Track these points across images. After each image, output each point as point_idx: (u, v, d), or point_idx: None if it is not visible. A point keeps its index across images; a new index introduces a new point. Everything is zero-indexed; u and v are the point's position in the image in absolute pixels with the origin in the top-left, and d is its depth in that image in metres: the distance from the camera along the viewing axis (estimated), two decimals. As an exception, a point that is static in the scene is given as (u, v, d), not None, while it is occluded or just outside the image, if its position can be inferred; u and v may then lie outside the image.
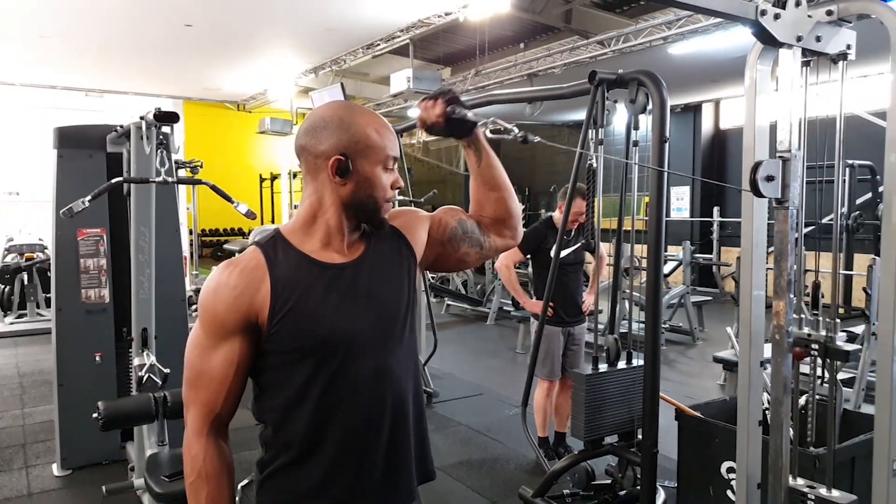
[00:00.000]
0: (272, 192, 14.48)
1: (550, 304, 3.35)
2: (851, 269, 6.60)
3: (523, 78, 8.49)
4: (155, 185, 3.08)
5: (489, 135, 1.41)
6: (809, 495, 2.17)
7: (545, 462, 3.59)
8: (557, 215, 3.53)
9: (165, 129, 2.82)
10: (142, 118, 2.85)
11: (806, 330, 2.15)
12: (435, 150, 16.45)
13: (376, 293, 1.30)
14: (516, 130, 1.35)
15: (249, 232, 14.59)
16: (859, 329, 4.62)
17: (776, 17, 1.96)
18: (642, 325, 2.87)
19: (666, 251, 6.76)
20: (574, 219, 3.41)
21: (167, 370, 3.25)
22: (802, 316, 2.18)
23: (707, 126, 11.75)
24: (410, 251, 1.39)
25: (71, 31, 7.57)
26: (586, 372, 3.03)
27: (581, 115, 10.67)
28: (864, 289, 4.96)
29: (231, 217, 14.26)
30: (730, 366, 4.79)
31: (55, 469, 3.87)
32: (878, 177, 8.44)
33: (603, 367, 3.08)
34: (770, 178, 2.08)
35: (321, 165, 1.26)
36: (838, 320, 2.18)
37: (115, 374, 3.93)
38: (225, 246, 10.08)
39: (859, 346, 2.19)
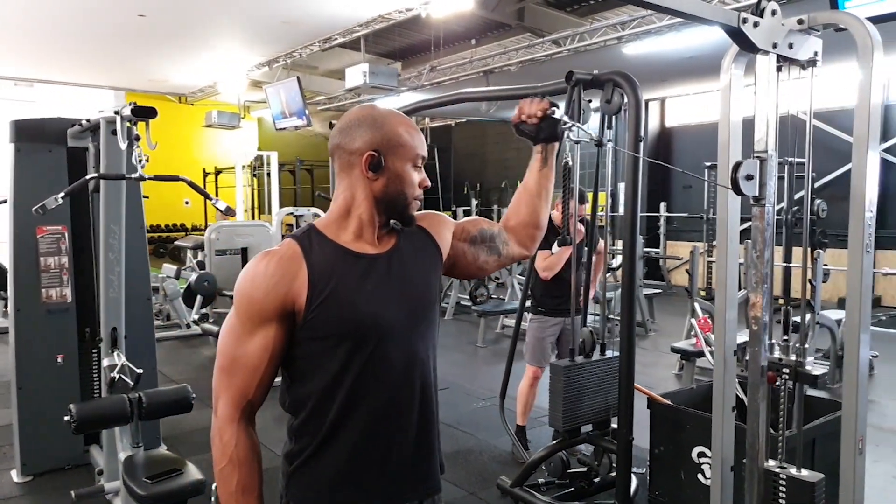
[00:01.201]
0: (216, 187, 14.19)
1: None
2: (790, 262, 6.94)
3: (479, 75, 8.57)
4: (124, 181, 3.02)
5: (570, 139, 1.56)
6: (781, 475, 2.31)
7: (523, 452, 3.67)
8: (556, 214, 3.60)
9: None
10: (116, 112, 2.78)
11: (777, 354, 2.30)
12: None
13: (408, 283, 1.35)
14: (593, 134, 1.60)
15: (193, 228, 14.28)
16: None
17: (755, 24, 2.07)
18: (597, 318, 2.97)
19: (613, 245, 6.96)
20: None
21: (140, 370, 3.19)
22: (773, 341, 2.32)
23: (653, 124, 12.11)
24: (437, 248, 1.44)
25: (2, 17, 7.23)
26: (564, 364, 3.12)
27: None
28: (810, 280, 5.24)
29: (173, 213, 13.92)
30: (687, 356, 4.98)
31: (14, 475, 3.74)
32: (813, 174, 8.90)
33: (579, 358, 3.17)
34: (749, 177, 2.20)
35: (355, 162, 1.31)
36: (807, 345, 2.34)
37: (78, 376, 3.82)
38: (177, 242, 9.83)
39: (826, 370, 2.38)
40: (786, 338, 2.40)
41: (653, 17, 6.37)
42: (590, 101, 3.16)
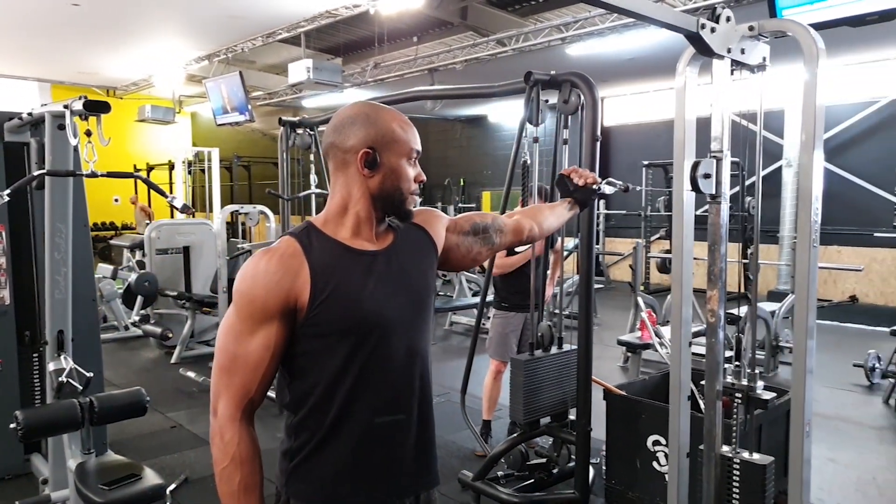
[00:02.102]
0: (148, 184, 13.65)
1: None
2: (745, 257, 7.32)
3: (423, 72, 8.58)
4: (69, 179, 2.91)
5: (606, 190, 1.96)
6: (735, 459, 2.43)
7: (484, 446, 3.72)
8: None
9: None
10: (66, 107, 2.67)
11: (730, 379, 2.42)
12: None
13: (407, 279, 1.37)
14: (610, 189, 2.00)
15: (123, 227, 13.75)
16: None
17: (712, 30, 2.17)
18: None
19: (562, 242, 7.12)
20: None
21: (90, 374, 3.09)
22: (727, 366, 2.44)
23: (592, 123, 12.35)
24: (433, 243, 1.47)
25: None
26: (524, 358, 3.18)
27: (475, 111, 10.94)
28: (747, 274, 5.50)
29: (103, 211, 13.37)
30: (633, 348, 5.15)
31: (-51, 487, 3.55)
32: (744, 172, 9.30)
33: (538, 352, 3.24)
34: (707, 176, 2.30)
35: (350, 159, 1.32)
36: (758, 370, 2.47)
37: (18, 382, 3.65)
38: (113, 241, 9.48)
39: (776, 394, 2.53)
40: (738, 363, 2.51)
41: (596, 20, 6.53)
42: (546, 100, 3.23)
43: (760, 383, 2.44)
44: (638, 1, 1.95)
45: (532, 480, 3.29)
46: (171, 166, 12.68)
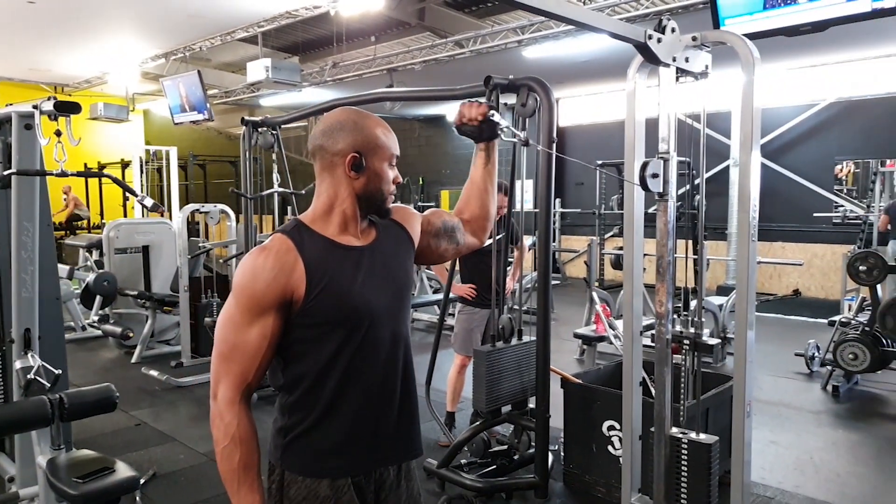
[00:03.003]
0: (100, 182, 13.40)
1: (472, 286, 3.64)
2: (675, 253, 7.61)
3: (382, 72, 8.66)
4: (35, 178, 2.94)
5: (503, 138, 1.67)
6: (683, 440, 2.61)
7: (449, 435, 3.85)
8: None
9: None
10: (35, 107, 2.71)
11: (678, 328, 2.60)
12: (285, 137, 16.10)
13: (390, 272, 1.49)
14: (522, 135, 1.71)
15: (74, 226, 13.44)
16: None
17: (659, 40, 2.33)
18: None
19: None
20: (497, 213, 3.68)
21: (58, 371, 3.11)
22: (675, 316, 2.61)
23: (548, 123, 12.59)
24: (410, 239, 1.59)
25: None
26: (486, 349, 3.32)
27: (433, 110, 11.03)
28: (696, 269, 5.76)
29: (53, 211, 13.07)
30: (589, 341, 5.35)
31: None
32: (693, 171, 9.68)
33: (499, 344, 3.39)
34: (655, 176, 2.47)
35: (338, 162, 1.43)
36: (703, 319, 2.65)
37: (-20, 381, 3.63)
38: (67, 241, 9.31)
39: (719, 340, 2.72)
40: (685, 313, 2.69)
41: (551, 23, 6.72)
42: (506, 103, 3.38)
43: (706, 331, 2.63)
44: (591, 14, 2.11)
45: (494, 467, 3.44)
46: (125, 165, 12.47)
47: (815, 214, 9.02)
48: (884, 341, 4.96)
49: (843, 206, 9.23)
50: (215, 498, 3.45)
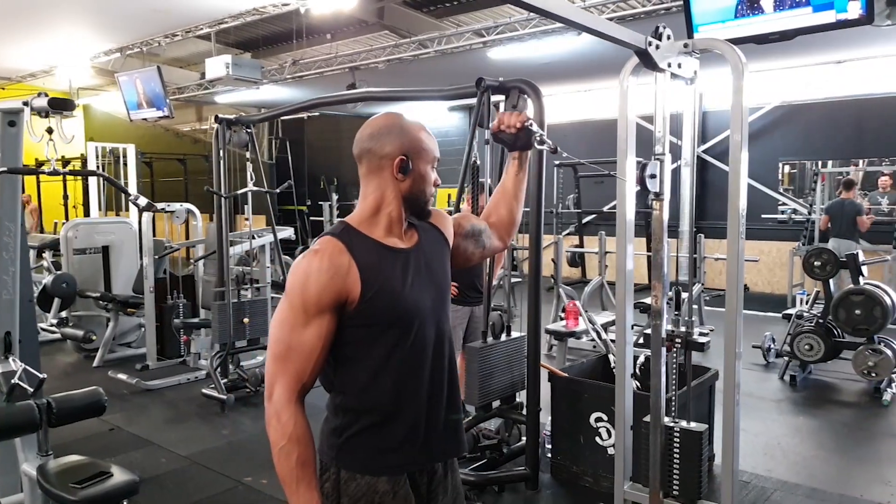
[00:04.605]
0: (38, 181, 12.86)
1: (455, 284, 3.67)
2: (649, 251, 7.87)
3: (345, 70, 8.62)
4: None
5: (536, 146, 1.70)
6: (676, 428, 2.73)
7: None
8: (465, 207, 3.82)
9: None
10: (25, 104, 2.64)
11: (670, 326, 2.72)
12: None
13: (433, 273, 1.54)
14: (550, 143, 1.72)
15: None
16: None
17: (657, 47, 2.44)
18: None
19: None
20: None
21: (43, 375, 3.03)
22: (667, 315, 2.74)
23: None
24: (446, 240, 1.64)
25: None
26: (478, 345, 3.39)
27: (385, 109, 11.05)
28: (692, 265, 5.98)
29: None
30: (560, 336, 5.48)
31: None
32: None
33: (491, 340, 3.46)
34: (653, 176, 2.58)
35: (385, 165, 1.47)
36: (695, 318, 2.78)
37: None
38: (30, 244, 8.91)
39: (709, 339, 2.84)
40: (677, 313, 2.83)
41: (516, 25, 6.83)
42: (496, 105, 3.45)
43: (696, 329, 2.77)
44: (597, 20, 2.20)
45: (485, 460, 3.51)
46: (65, 162, 12.01)
47: (762, 212, 9.41)
48: (836, 332, 5.25)
49: (787, 205, 9.68)
50: (206, 500, 3.42)
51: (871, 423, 4.52)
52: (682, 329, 2.78)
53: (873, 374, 4.92)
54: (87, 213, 12.73)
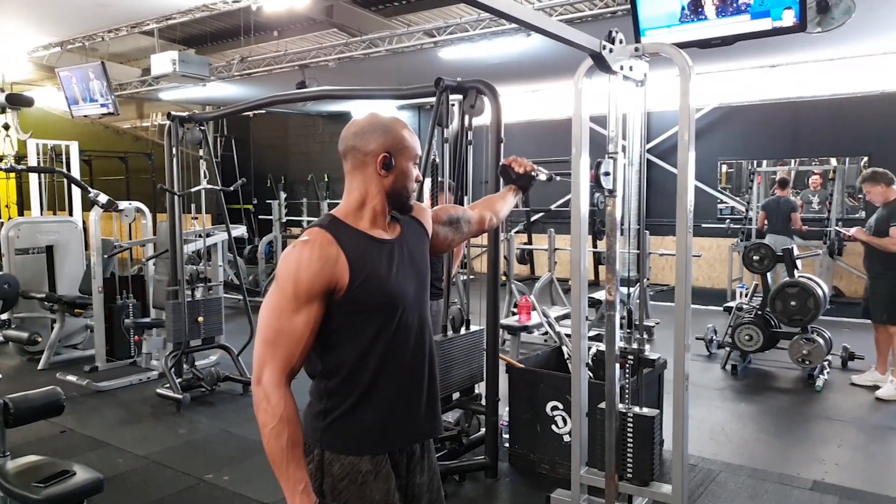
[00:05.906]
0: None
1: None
2: (594, 247, 8.13)
3: (294, 68, 8.57)
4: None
5: (541, 177, 2.25)
6: (629, 414, 2.88)
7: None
8: (427, 204, 3.89)
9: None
10: (-19, 99, 2.59)
11: (622, 344, 2.91)
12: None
13: (415, 262, 1.63)
14: (544, 176, 2.32)
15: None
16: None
17: (610, 50, 2.57)
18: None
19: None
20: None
21: (-1, 376, 2.97)
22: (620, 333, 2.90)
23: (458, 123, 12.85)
24: (426, 232, 1.74)
25: None
26: (437, 339, 3.47)
27: (337, 107, 10.95)
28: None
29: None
30: (513, 331, 5.61)
31: None
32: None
33: (450, 333, 3.55)
34: (607, 174, 2.71)
35: (369, 161, 1.55)
36: (647, 335, 2.95)
37: None
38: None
39: (660, 355, 3.03)
40: (629, 331, 2.99)
41: (467, 25, 6.94)
42: (453, 104, 3.54)
43: (647, 346, 2.93)
44: (554, 23, 2.30)
45: (446, 451, 3.59)
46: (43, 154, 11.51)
47: (701, 211, 9.78)
48: (773, 323, 5.54)
49: (726, 203, 10.08)
50: (168, 498, 3.40)
51: (806, 407, 4.80)
52: (635, 346, 2.95)
53: (807, 362, 5.22)
54: (20, 213, 12.29)
